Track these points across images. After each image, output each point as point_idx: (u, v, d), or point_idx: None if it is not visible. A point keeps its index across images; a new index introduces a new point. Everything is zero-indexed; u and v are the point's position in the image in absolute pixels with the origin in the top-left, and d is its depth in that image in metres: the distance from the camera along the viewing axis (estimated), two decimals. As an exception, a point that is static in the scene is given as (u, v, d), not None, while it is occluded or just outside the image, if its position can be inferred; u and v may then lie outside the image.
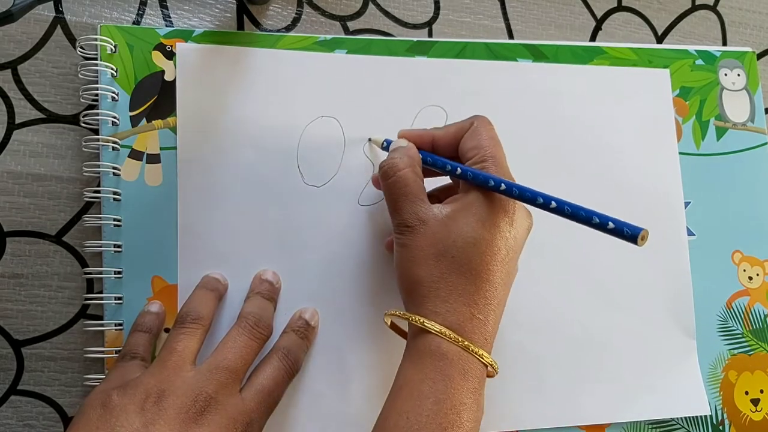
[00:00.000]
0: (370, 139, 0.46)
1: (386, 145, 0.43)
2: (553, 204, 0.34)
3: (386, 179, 0.39)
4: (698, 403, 0.49)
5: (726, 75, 0.54)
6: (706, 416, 0.50)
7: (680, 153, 0.52)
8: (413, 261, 0.36)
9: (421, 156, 0.40)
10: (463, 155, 0.39)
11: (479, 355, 0.35)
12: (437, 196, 0.42)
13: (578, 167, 0.49)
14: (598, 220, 0.33)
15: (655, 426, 0.49)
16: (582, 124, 0.50)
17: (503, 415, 0.46)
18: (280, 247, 0.44)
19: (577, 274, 0.48)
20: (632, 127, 0.51)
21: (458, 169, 0.37)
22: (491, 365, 0.36)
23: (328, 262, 0.45)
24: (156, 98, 0.44)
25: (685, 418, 0.49)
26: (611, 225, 0.32)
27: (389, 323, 0.39)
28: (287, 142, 0.45)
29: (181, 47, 0.45)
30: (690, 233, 0.51)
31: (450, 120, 0.47)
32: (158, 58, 0.44)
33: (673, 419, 0.49)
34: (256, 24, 0.47)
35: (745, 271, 0.52)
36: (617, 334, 0.48)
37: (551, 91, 0.50)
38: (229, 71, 0.45)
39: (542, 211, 0.35)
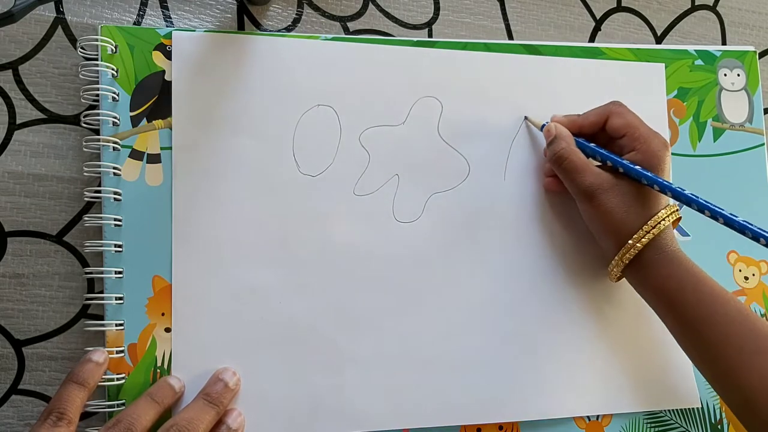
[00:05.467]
0: (526, 118, 0.49)
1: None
2: (707, 213, 0.42)
3: (559, 164, 0.45)
4: (689, 395, 0.50)
5: (725, 75, 0.54)
6: (704, 415, 0.50)
7: (676, 154, 0.52)
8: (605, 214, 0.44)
9: (575, 140, 0.46)
10: (614, 132, 0.45)
11: None
12: None
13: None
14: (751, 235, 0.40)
15: (653, 425, 0.49)
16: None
17: (498, 407, 0.46)
18: (274, 238, 0.45)
19: (570, 269, 0.49)
20: None
21: (610, 161, 0.44)
22: None
23: (323, 252, 0.45)
24: (156, 98, 0.44)
25: (684, 416, 0.49)
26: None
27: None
28: (283, 131, 0.46)
29: (176, 35, 0.45)
30: (685, 234, 0.51)
31: (445, 111, 0.48)
32: (159, 58, 0.44)
33: (672, 419, 0.49)
34: (257, 24, 0.47)
35: (740, 271, 0.52)
36: (609, 327, 0.49)
37: (547, 84, 0.50)
38: (225, 59, 0.45)
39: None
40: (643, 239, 0.42)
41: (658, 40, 0.55)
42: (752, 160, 0.53)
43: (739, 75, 0.54)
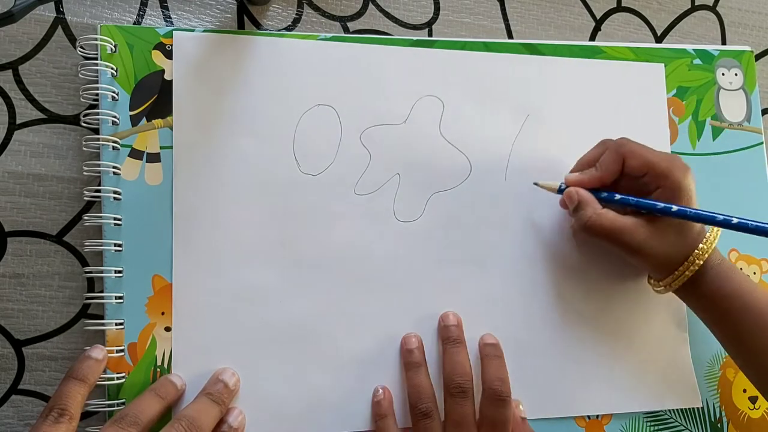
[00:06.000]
0: (537, 184, 0.47)
1: (562, 189, 0.46)
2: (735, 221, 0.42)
3: (595, 233, 0.44)
4: (690, 395, 0.50)
5: (723, 74, 0.54)
6: (703, 414, 0.50)
7: (676, 153, 0.52)
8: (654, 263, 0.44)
9: (596, 197, 0.45)
10: (633, 172, 0.44)
11: None
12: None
13: (572, 160, 0.49)
14: None
15: (653, 423, 0.49)
16: (577, 116, 0.50)
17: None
18: (274, 237, 0.45)
19: (572, 270, 0.49)
20: (625, 120, 0.51)
21: (658, 206, 0.43)
22: None
23: (323, 252, 0.45)
24: (156, 97, 0.44)
25: (683, 415, 0.49)
26: None
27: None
28: (283, 131, 0.46)
29: (177, 35, 0.45)
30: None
31: (447, 110, 0.48)
32: (158, 58, 0.44)
33: (671, 417, 0.49)
34: (257, 24, 0.47)
35: (741, 269, 0.52)
36: (610, 327, 0.49)
37: (549, 84, 0.50)
38: (226, 59, 0.45)
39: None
40: (691, 267, 0.43)
41: (658, 40, 0.55)
42: (751, 158, 0.53)
43: (736, 74, 0.54)
